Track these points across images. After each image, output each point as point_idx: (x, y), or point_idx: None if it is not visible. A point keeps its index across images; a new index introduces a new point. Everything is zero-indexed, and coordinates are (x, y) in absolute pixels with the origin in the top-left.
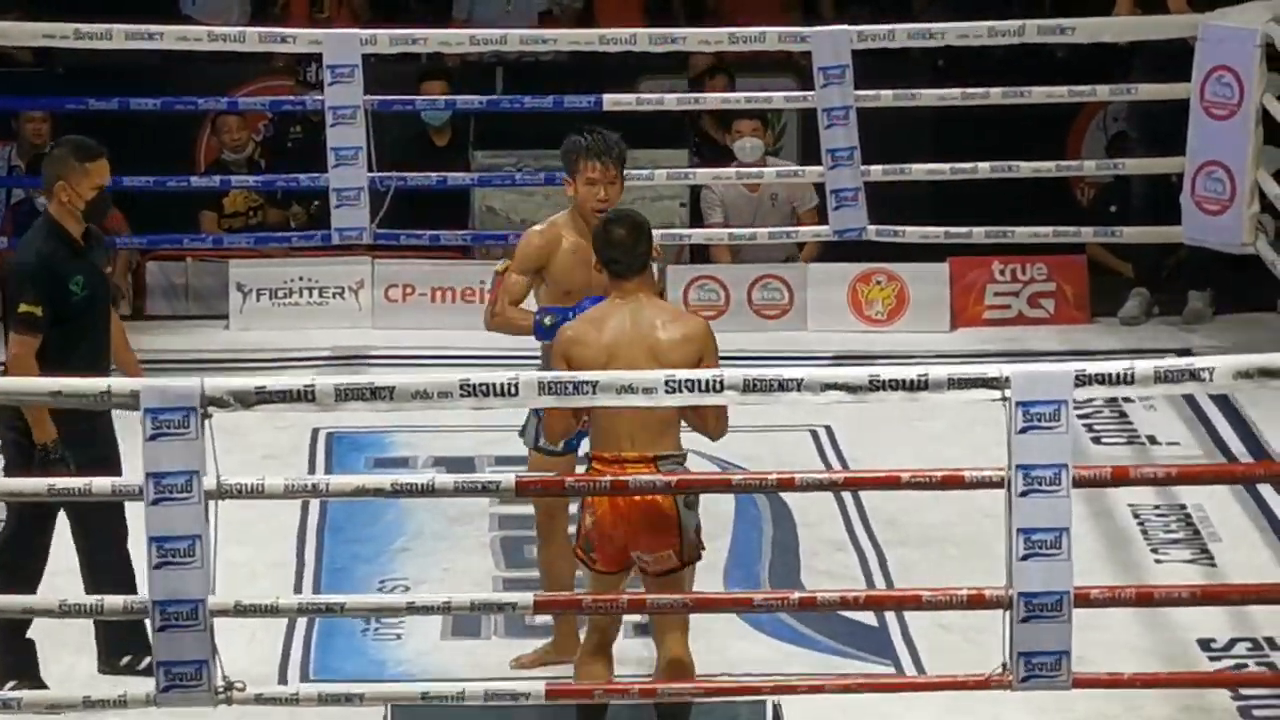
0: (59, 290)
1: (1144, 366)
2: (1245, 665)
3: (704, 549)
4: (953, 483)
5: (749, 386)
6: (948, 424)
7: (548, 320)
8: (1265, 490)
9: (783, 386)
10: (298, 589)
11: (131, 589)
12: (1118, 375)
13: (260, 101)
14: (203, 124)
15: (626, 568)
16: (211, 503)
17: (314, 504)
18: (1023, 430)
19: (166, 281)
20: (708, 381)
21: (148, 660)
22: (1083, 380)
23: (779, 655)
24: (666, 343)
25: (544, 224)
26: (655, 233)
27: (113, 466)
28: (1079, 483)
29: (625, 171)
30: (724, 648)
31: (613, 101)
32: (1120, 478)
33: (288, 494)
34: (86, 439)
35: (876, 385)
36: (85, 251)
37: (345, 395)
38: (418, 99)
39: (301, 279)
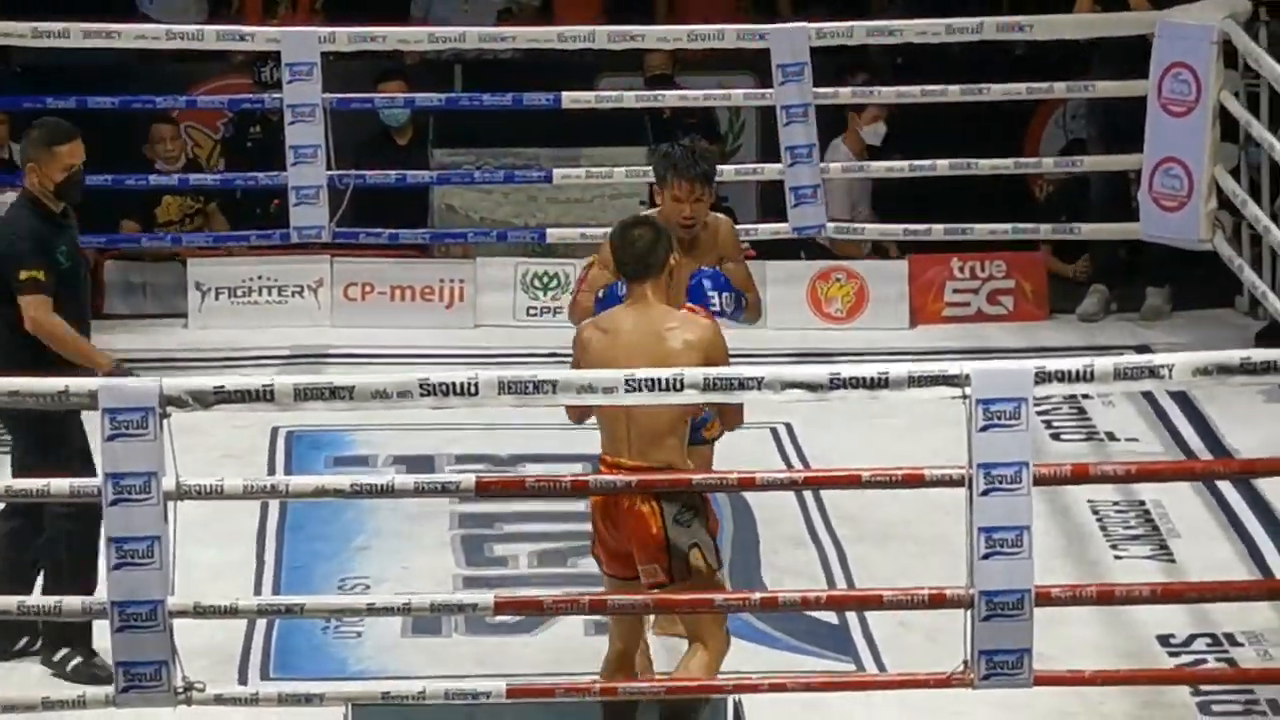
0: (49, 259)
1: (1103, 364)
2: (1204, 661)
3: (717, 567)
4: (913, 481)
5: (709, 385)
6: (908, 421)
7: (600, 294)
8: (1224, 486)
9: (743, 385)
10: (257, 589)
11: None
12: (1077, 373)
13: (218, 99)
14: None
15: (636, 575)
16: (171, 503)
17: (274, 503)
18: (983, 428)
19: (125, 280)
20: (668, 380)
21: (38, 644)
22: (1043, 378)
23: (740, 653)
24: (670, 349)
25: None
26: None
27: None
28: (1039, 480)
29: (588, 170)
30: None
31: (571, 99)
32: (1080, 475)
33: (247, 494)
34: (80, 431)
35: (837, 384)
36: (66, 225)
37: (304, 395)
38: (376, 97)
39: (260, 278)
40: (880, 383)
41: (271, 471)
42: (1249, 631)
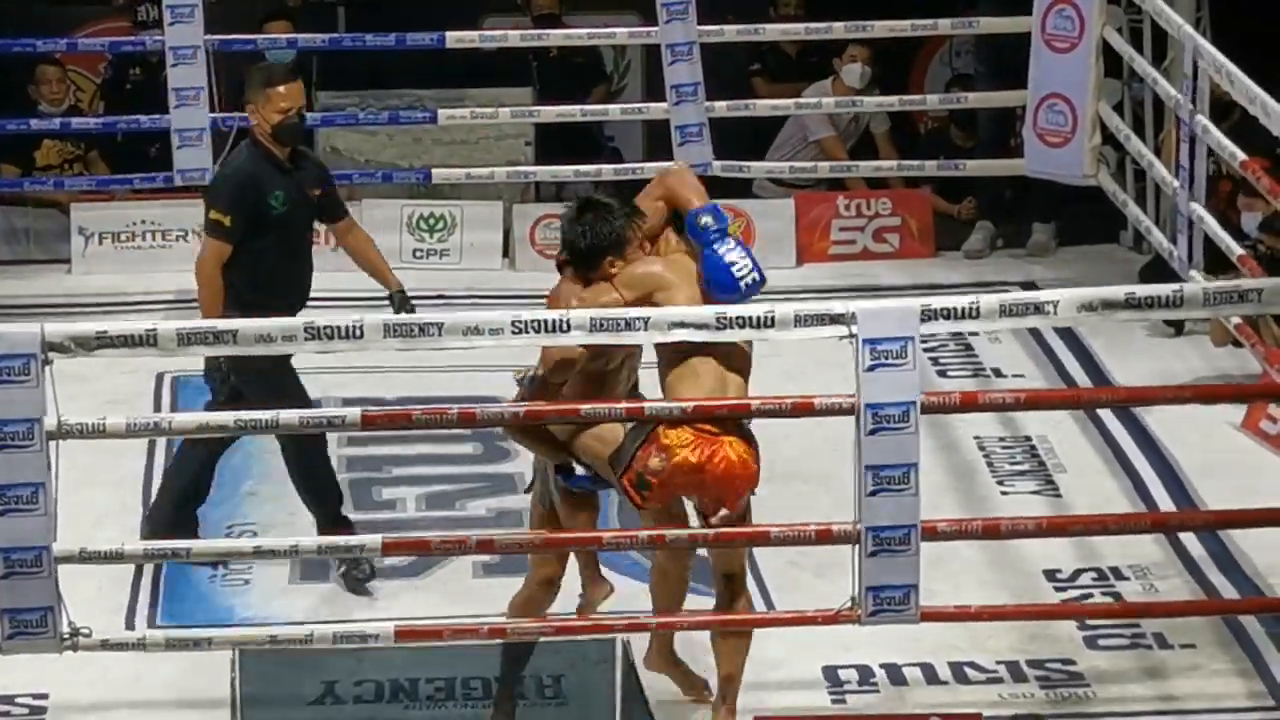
0: (258, 203)
1: (989, 301)
2: (1090, 595)
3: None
4: (803, 410)
5: (596, 325)
6: (794, 363)
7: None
8: (1109, 421)
9: (630, 325)
10: None
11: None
12: (963, 310)
13: (99, 42)
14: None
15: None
16: (54, 446)
17: (159, 449)
18: (870, 368)
19: (7, 225)
20: (554, 322)
21: None
22: (929, 315)
23: (629, 592)
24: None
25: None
26: (499, 170)
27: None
28: (927, 409)
29: (472, 111)
30: (573, 586)
31: (456, 39)
32: (968, 404)
33: (130, 433)
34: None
35: (724, 323)
36: (290, 170)
37: (188, 339)
38: (259, 38)
39: (144, 222)
40: (767, 322)
41: None
42: (1134, 565)
